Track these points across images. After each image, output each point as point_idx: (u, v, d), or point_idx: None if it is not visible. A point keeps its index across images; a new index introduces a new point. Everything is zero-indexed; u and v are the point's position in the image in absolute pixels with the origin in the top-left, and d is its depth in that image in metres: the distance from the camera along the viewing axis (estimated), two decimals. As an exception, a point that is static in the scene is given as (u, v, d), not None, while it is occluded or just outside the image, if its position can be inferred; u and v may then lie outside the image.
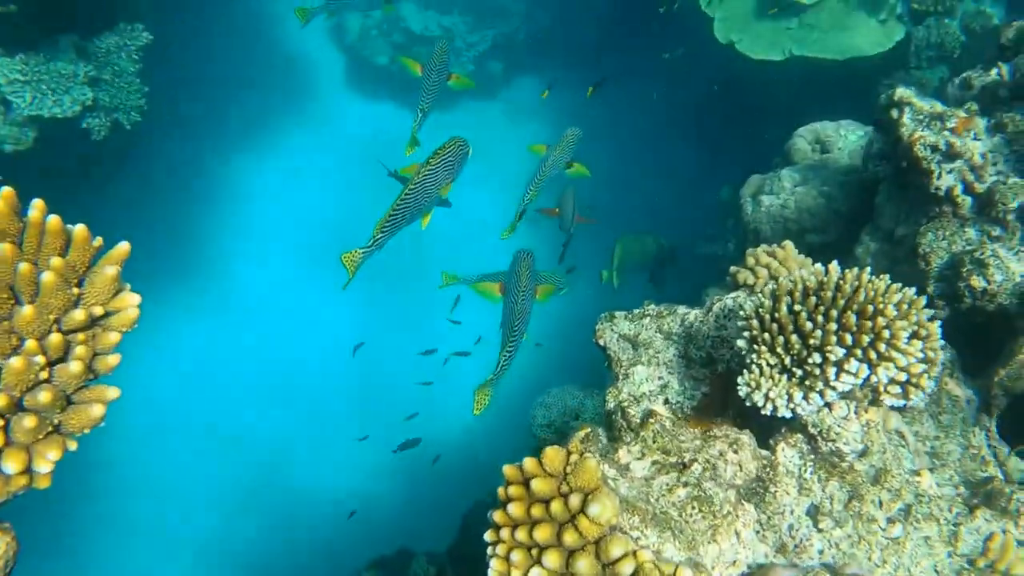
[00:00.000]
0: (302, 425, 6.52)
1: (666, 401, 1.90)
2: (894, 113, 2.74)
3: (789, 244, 2.12)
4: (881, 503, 1.64)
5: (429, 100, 3.82)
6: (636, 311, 2.11)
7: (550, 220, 4.90)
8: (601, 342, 2.08)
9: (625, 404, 1.89)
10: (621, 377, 1.98)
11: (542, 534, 1.24)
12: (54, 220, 1.21)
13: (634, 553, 1.20)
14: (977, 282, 2.28)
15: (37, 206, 1.22)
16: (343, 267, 2.96)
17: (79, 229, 1.23)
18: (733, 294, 2.05)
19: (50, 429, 1.13)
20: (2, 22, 3.67)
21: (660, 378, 1.95)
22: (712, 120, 7.12)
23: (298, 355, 6.83)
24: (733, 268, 2.15)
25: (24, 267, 1.15)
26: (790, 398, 1.56)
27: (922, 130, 2.53)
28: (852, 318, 1.53)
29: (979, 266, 2.30)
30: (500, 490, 1.34)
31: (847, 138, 3.43)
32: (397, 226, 2.97)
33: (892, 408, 1.76)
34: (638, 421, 1.82)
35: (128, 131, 4.15)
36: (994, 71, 2.78)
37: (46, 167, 4.16)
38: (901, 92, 2.72)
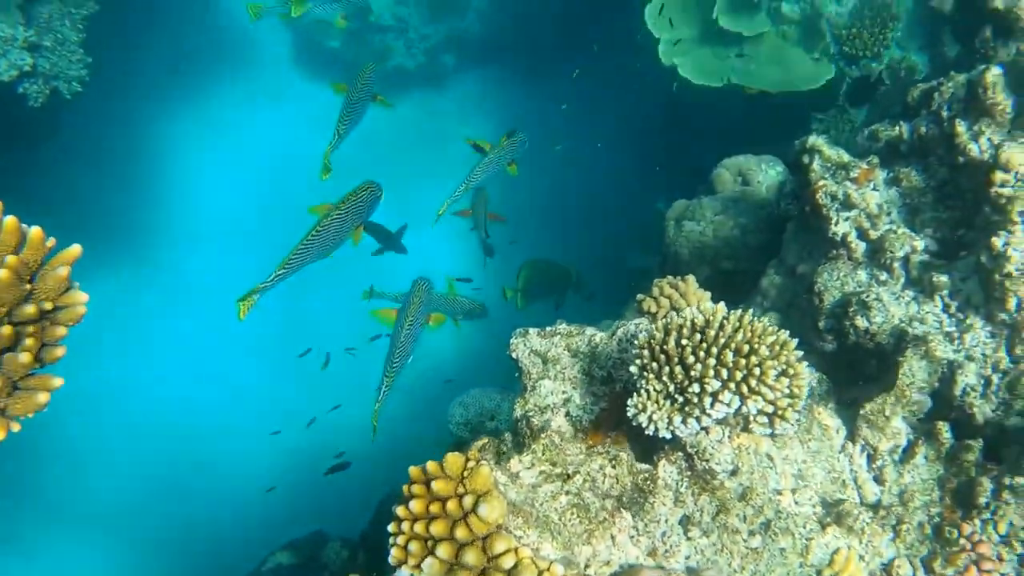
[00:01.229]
0: (227, 406, 6.53)
1: (567, 414, 2.07)
2: (805, 158, 2.98)
3: (691, 279, 2.32)
4: (745, 517, 1.85)
5: (347, 125, 3.79)
6: (548, 329, 2.28)
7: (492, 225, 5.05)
8: (514, 355, 2.24)
9: (531, 414, 2.06)
10: (529, 389, 2.14)
11: (438, 528, 1.39)
12: (10, 220, 1.30)
13: (515, 550, 1.37)
14: (861, 322, 2.53)
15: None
16: (236, 308, 2.97)
17: (34, 231, 1.32)
18: (636, 320, 2.24)
19: (-7, 413, 1.22)
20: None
21: (564, 392, 2.12)
22: (656, 135, 7.37)
23: (228, 336, 6.82)
24: (640, 296, 2.34)
25: (-28, 263, 1.24)
26: (670, 421, 1.75)
27: (826, 178, 2.76)
28: (729, 355, 1.73)
29: (863, 308, 2.54)
30: (404, 487, 1.49)
31: (767, 172, 3.67)
32: (300, 265, 2.99)
33: (763, 435, 1.97)
34: (538, 429, 1.99)
35: (68, 100, 4.12)
36: (896, 127, 3.04)
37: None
38: (813, 140, 2.96)
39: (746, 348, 1.73)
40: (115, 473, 6.22)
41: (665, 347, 1.79)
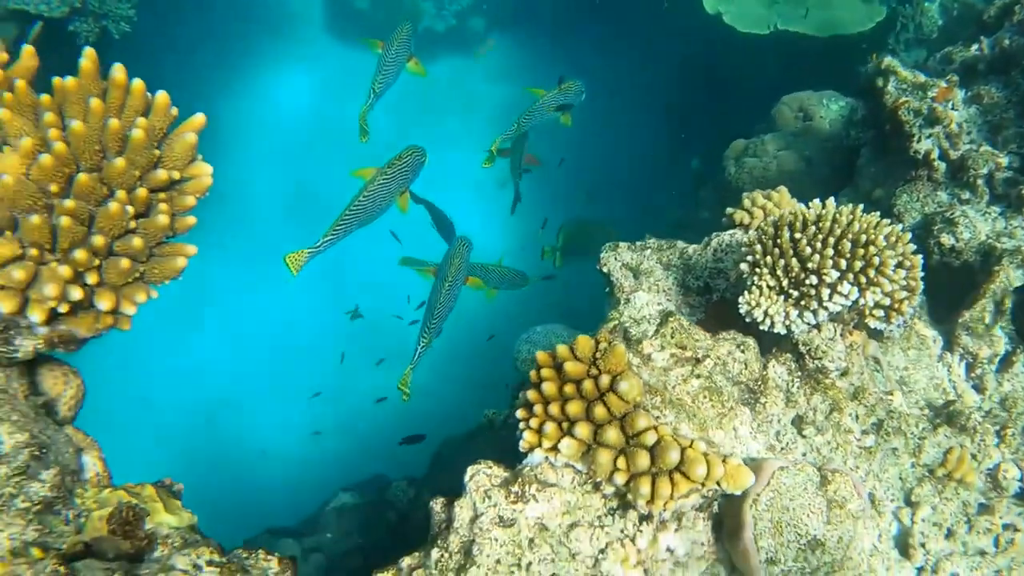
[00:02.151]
0: (275, 365, 6.59)
1: (664, 324, 2.04)
2: (879, 81, 2.91)
3: (784, 189, 2.27)
4: (857, 416, 1.82)
5: (384, 82, 3.66)
6: (638, 243, 2.25)
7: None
8: (605, 269, 2.21)
9: (627, 325, 2.03)
10: (623, 301, 2.11)
11: (573, 409, 1.37)
12: (138, 83, 1.28)
13: (656, 427, 1.34)
14: (946, 240, 2.47)
15: (120, 68, 1.28)
16: (286, 266, 2.90)
17: (160, 95, 1.30)
18: (730, 232, 2.20)
19: (137, 275, 1.21)
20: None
21: (659, 304, 2.09)
22: (685, 93, 7.26)
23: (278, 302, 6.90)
24: (730, 208, 2.29)
25: (114, 122, 1.22)
26: (786, 315, 1.72)
27: (906, 96, 2.70)
28: (847, 245, 1.69)
29: (949, 224, 2.49)
30: (532, 373, 1.47)
31: (829, 107, 3.60)
32: (346, 232, 2.95)
33: (871, 336, 1.94)
34: (640, 335, 1.96)
35: (116, 40, 4.09)
36: (974, 47, 2.97)
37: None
38: (888, 61, 2.90)
39: (863, 239, 1.69)
40: (162, 422, 6.31)
41: (778, 241, 1.75)
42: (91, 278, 1.16)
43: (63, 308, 1.17)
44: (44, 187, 1.14)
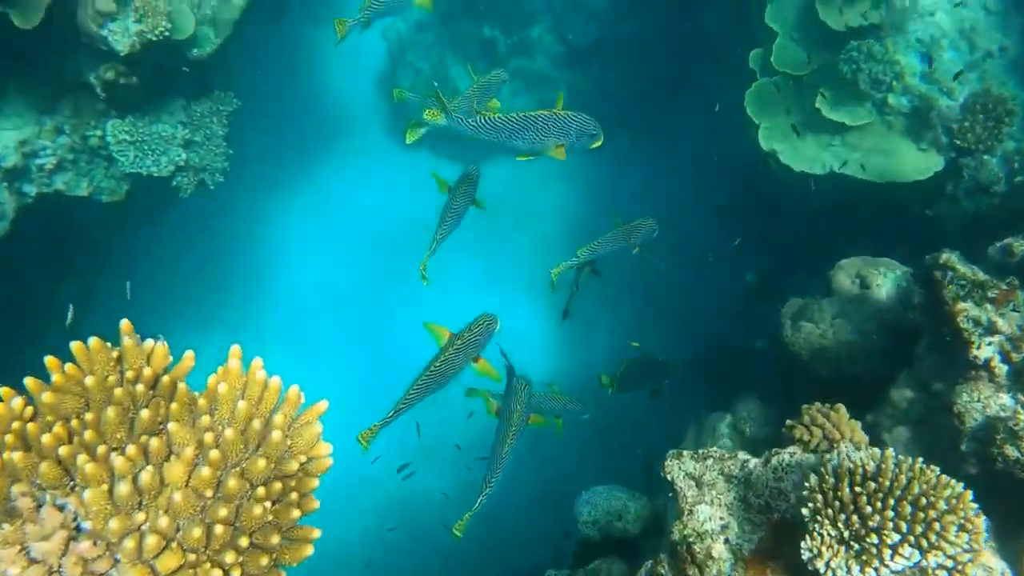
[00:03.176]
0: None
1: (726, 540, 2.15)
2: (938, 274, 3.01)
3: (842, 408, 2.38)
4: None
5: (446, 230, 3.67)
6: (701, 451, 2.36)
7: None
8: (669, 477, 2.33)
9: (691, 539, 2.14)
10: (686, 512, 2.22)
11: None
12: (275, 382, 1.48)
13: None
14: (1011, 452, 2.52)
15: (258, 366, 1.49)
16: (359, 443, 2.98)
17: (292, 390, 1.49)
18: (790, 449, 2.30)
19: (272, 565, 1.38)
20: (122, 89, 4.00)
21: (722, 518, 2.20)
22: (739, 206, 7.39)
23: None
24: (789, 422, 2.40)
25: (256, 424, 1.41)
26: (848, 570, 1.81)
27: (965, 301, 2.79)
28: (907, 508, 1.78)
29: (1013, 437, 2.54)
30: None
31: (886, 276, 3.70)
32: (418, 400, 3.02)
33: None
34: (701, 558, 2.06)
35: (211, 189, 4.47)
36: (1033, 243, 3.06)
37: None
38: (946, 257, 3.00)
39: (923, 501, 1.79)
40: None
41: (838, 493, 1.86)
42: (235, 574, 1.33)
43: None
44: (201, 493, 1.33)
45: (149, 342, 1.46)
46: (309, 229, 8.22)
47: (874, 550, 1.78)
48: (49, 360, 1.44)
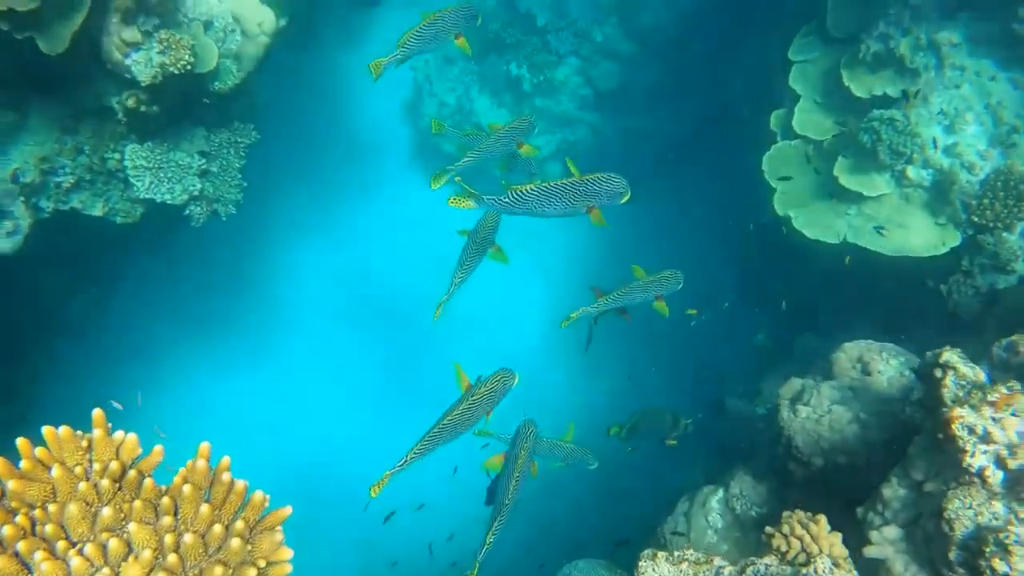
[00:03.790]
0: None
1: (698, 647, 2.10)
2: (938, 373, 2.97)
3: (823, 520, 2.34)
4: None
5: (464, 274, 3.68)
6: (677, 554, 2.33)
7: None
8: (644, 577, 2.29)
9: (661, 644, 2.10)
10: (661, 615, 2.18)
11: None
12: (240, 485, 1.47)
13: None
14: (999, 566, 2.47)
15: (225, 468, 1.48)
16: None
17: (256, 494, 1.49)
18: (766, 560, 2.27)
19: None
20: (142, 116, 4.05)
21: (696, 623, 2.15)
22: (754, 265, 7.35)
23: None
24: (769, 530, 2.36)
25: (217, 528, 1.40)
26: None
27: (962, 407, 2.74)
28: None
29: (1003, 550, 2.48)
30: None
31: (888, 363, 3.65)
32: (430, 451, 3.03)
33: None
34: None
35: (223, 220, 4.50)
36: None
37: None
38: (947, 356, 2.96)
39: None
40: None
41: (813, 621, 1.82)
42: None
43: None
44: (154, 598, 1.32)
45: (119, 434, 1.47)
46: (325, 259, 8.29)
47: None
48: (20, 443, 1.45)
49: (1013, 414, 2.81)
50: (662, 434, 4.93)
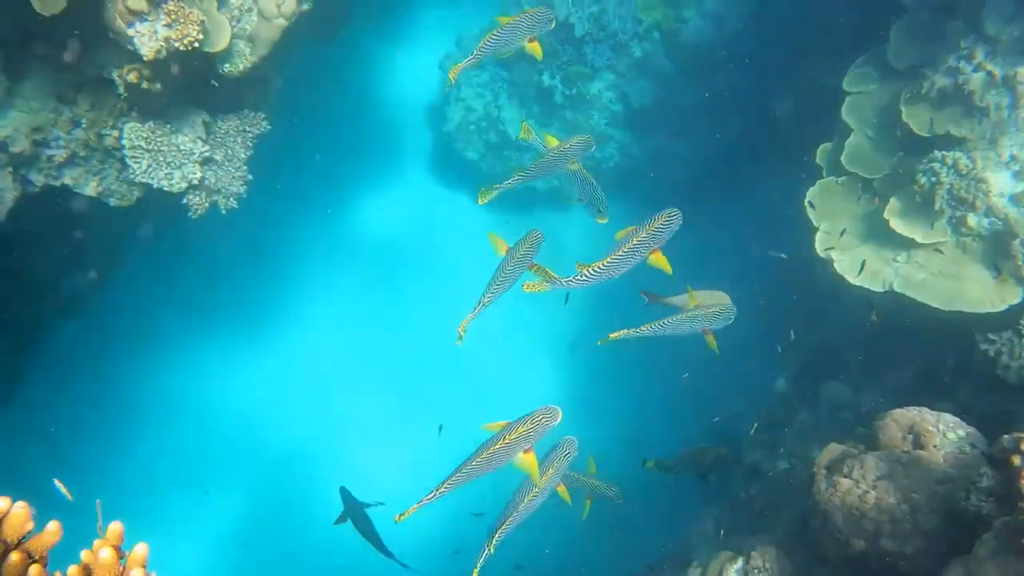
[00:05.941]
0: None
1: None
2: (1017, 460, 2.57)
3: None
4: None
5: (493, 295, 3.43)
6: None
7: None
8: None
9: None
10: None
11: None
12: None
13: None
14: None
15: (139, 559, 1.10)
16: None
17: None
18: None
19: None
20: (143, 93, 3.70)
21: None
22: (779, 304, 6.92)
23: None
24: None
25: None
26: None
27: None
28: None
29: None
30: None
31: (946, 436, 3.23)
32: (461, 484, 2.90)
33: None
34: None
35: (222, 214, 4.14)
36: None
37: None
38: (1029, 442, 2.55)
39: None
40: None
41: None
42: None
43: None
44: None
45: (5, 503, 1.09)
46: (336, 258, 7.99)
47: None
48: None
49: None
50: (702, 467, 4.61)
